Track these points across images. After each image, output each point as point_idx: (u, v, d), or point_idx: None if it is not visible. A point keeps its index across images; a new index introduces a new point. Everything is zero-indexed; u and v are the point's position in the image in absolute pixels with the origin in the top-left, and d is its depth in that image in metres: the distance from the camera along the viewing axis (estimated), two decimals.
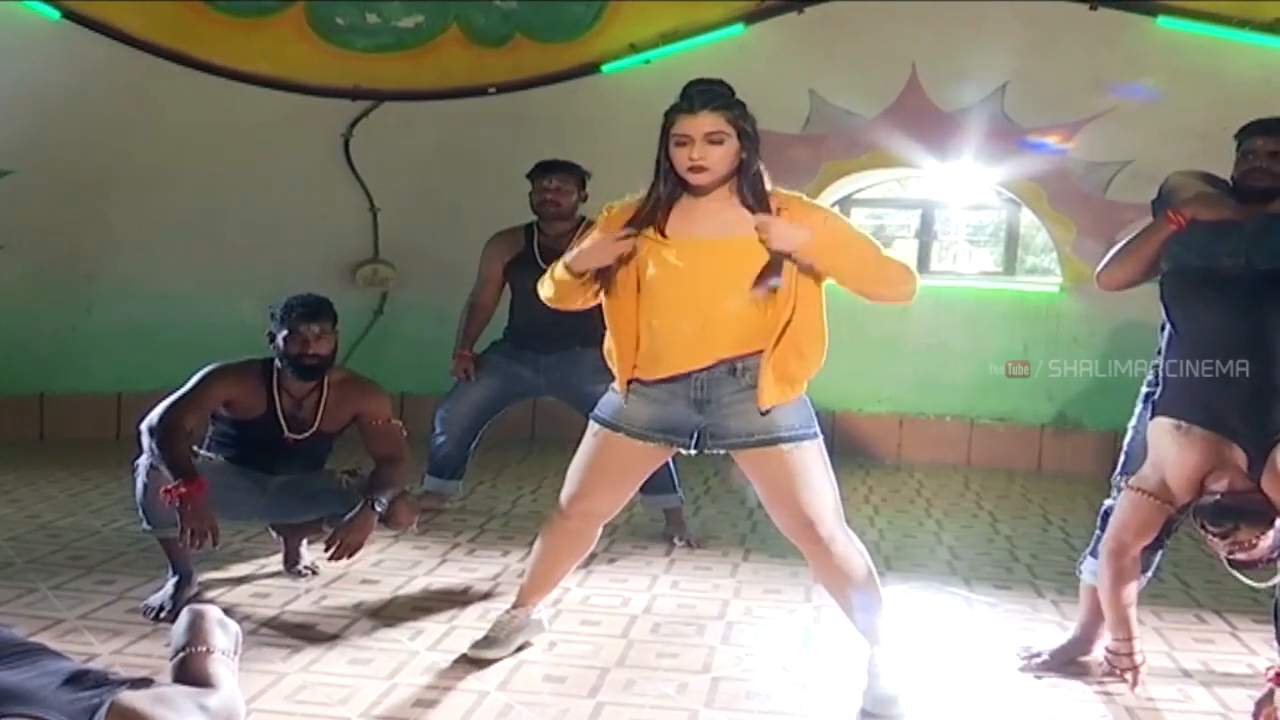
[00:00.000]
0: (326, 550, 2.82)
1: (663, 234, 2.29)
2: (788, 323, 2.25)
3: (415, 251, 5.53)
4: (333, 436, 3.13)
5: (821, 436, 2.38)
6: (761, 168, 2.31)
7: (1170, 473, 2.41)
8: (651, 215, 2.31)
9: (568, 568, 2.68)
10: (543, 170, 3.79)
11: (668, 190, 2.30)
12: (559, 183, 3.75)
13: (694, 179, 2.26)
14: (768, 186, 2.32)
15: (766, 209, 2.28)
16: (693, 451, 2.38)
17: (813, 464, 2.33)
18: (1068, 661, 2.67)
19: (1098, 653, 2.65)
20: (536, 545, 2.63)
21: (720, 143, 2.24)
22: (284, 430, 3.01)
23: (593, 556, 3.30)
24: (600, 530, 2.61)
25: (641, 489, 3.52)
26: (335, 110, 5.45)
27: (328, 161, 5.50)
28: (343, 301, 3.35)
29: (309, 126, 5.41)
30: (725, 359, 2.29)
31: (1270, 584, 2.38)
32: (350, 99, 5.44)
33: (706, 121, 2.24)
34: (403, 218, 5.58)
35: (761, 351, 2.27)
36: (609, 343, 2.40)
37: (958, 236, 6.32)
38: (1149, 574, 2.61)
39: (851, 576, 2.40)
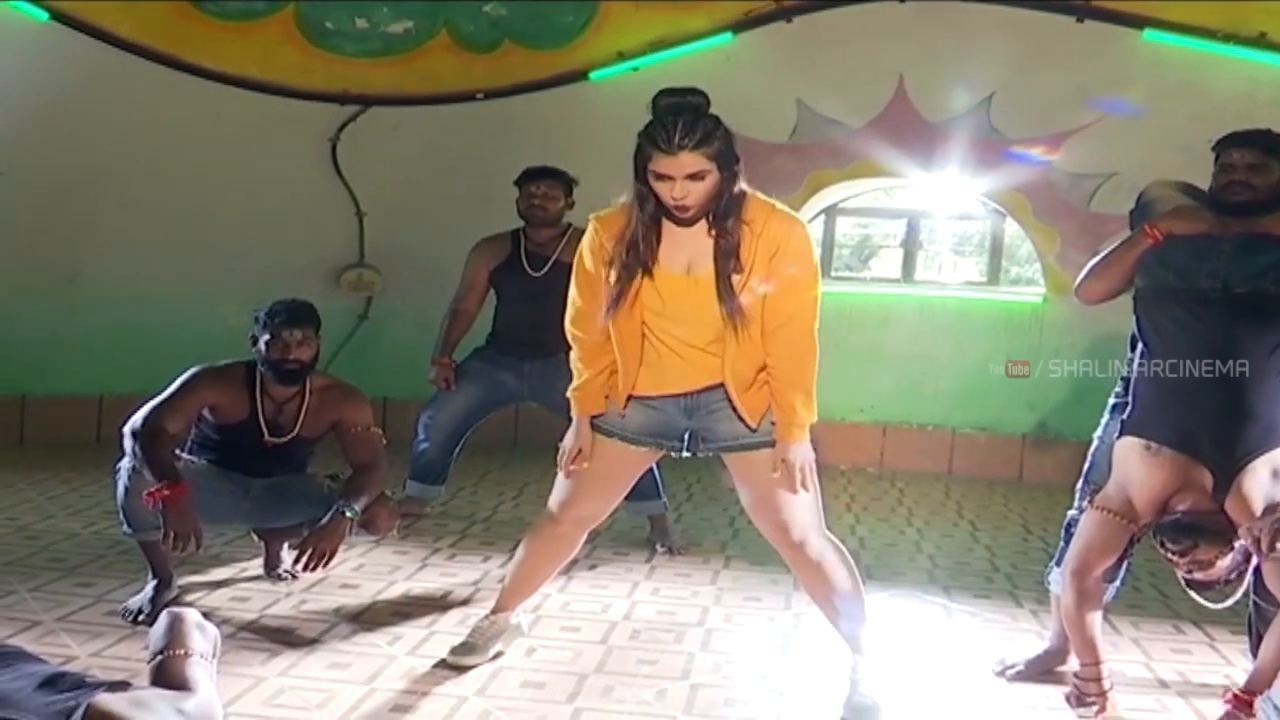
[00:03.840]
0: (296, 560, 2.82)
1: (651, 267, 2.28)
2: (739, 343, 2.28)
3: (401, 256, 5.54)
4: (313, 441, 3.12)
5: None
6: (741, 187, 2.27)
7: (1136, 492, 2.39)
8: (638, 249, 2.28)
9: (550, 573, 2.70)
10: (530, 176, 3.81)
11: (650, 216, 2.27)
12: (546, 189, 3.76)
13: (680, 216, 2.25)
14: (744, 190, 2.28)
15: (736, 233, 2.25)
16: (685, 454, 2.43)
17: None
18: (1044, 671, 2.69)
19: (1074, 663, 2.66)
20: (520, 549, 2.65)
21: (702, 179, 2.20)
22: (264, 434, 3.01)
23: (573, 563, 3.30)
24: (585, 536, 2.62)
25: (626, 495, 3.57)
26: (323, 114, 5.47)
27: (314, 166, 5.51)
28: (328, 306, 3.35)
29: (296, 130, 5.42)
30: (712, 384, 2.34)
31: (1225, 605, 2.39)
32: (338, 103, 5.46)
33: (688, 162, 2.18)
34: (389, 223, 5.59)
35: (759, 373, 2.32)
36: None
37: (943, 246, 6.35)
38: (1117, 584, 2.60)
39: (833, 581, 2.42)
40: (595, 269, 2.36)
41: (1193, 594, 2.36)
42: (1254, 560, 2.29)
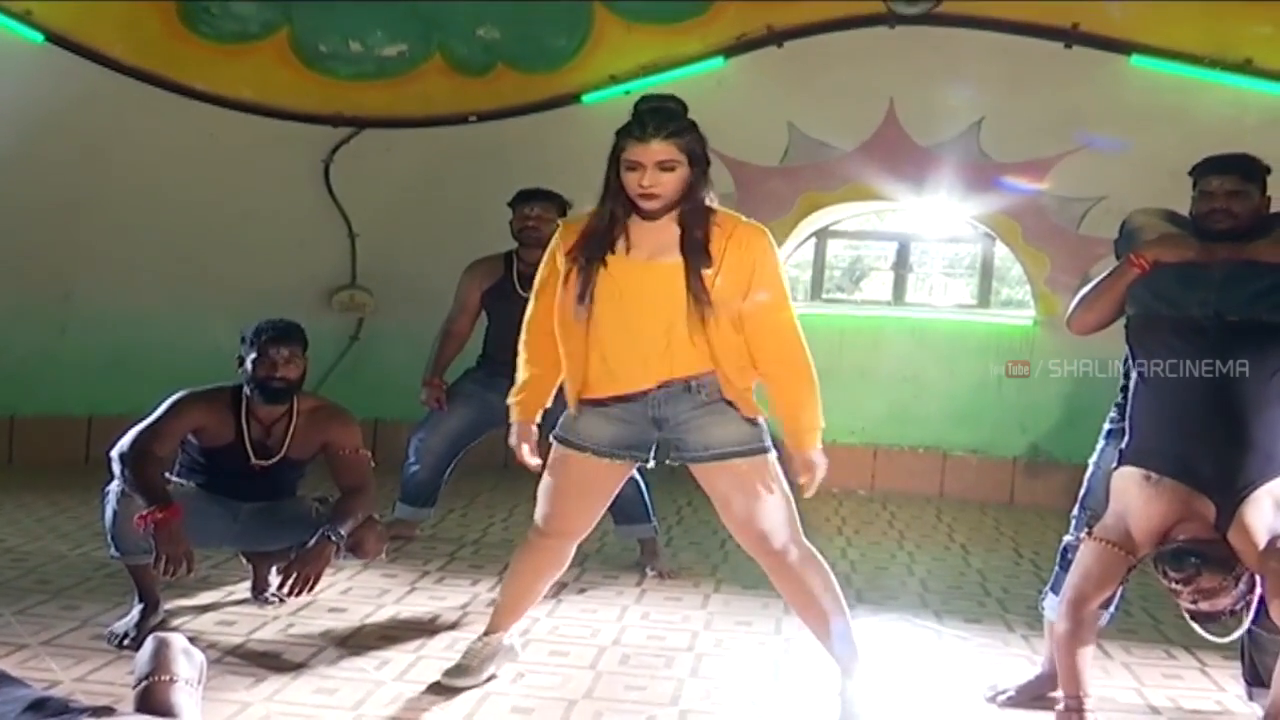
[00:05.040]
0: (281, 584, 2.80)
1: (611, 253, 2.33)
2: (718, 337, 2.31)
3: (393, 278, 5.54)
4: (302, 464, 3.11)
5: (775, 453, 2.42)
6: (709, 192, 2.33)
7: (1135, 523, 2.36)
8: (601, 236, 2.33)
9: (542, 588, 2.69)
10: (524, 198, 3.82)
11: (617, 209, 2.32)
12: (540, 211, 3.78)
13: (645, 205, 2.29)
14: (713, 205, 2.34)
15: (705, 231, 2.30)
16: (651, 463, 2.45)
17: (766, 477, 2.37)
18: (1036, 697, 2.67)
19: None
20: (511, 567, 2.65)
21: (672, 169, 2.26)
22: (251, 457, 3.00)
23: (562, 586, 3.31)
24: (574, 549, 2.62)
25: (615, 518, 3.57)
26: (316, 136, 5.48)
27: (308, 187, 5.51)
28: (319, 327, 3.36)
29: (290, 152, 5.43)
30: (675, 379, 2.34)
31: (1233, 638, 2.38)
32: (332, 125, 5.48)
33: (659, 150, 2.25)
34: (381, 244, 5.59)
35: (713, 371, 2.34)
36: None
37: (934, 269, 6.38)
38: (1111, 610, 2.59)
39: (814, 588, 2.43)
40: (553, 269, 2.40)
41: (1196, 627, 2.32)
42: (1258, 590, 2.27)
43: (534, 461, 2.48)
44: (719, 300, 2.30)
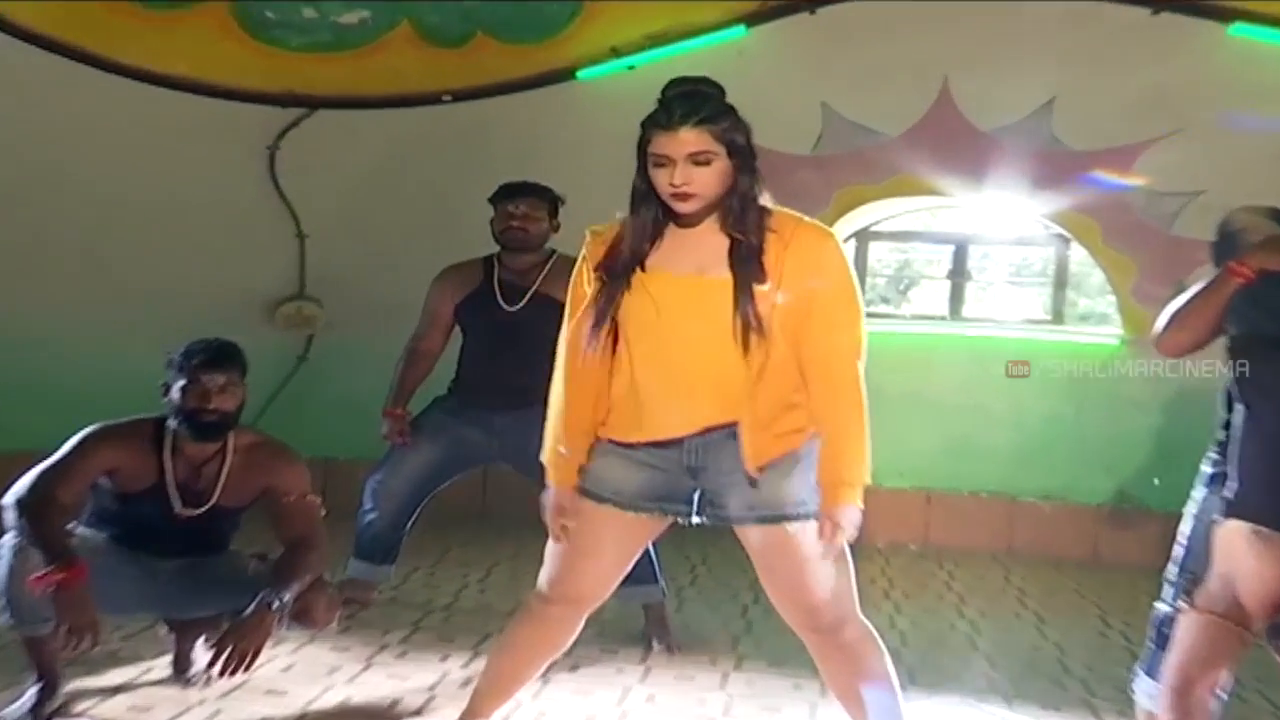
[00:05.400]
0: (212, 660, 2.75)
1: (642, 269, 2.31)
2: (762, 367, 2.27)
3: (349, 287, 5.53)
4: (237, 513, 3.08)
5: None
6: (758, 189, 2.32)
7: (1245, 588, 2.30)
8: (631, 248, 2.32)
9: (538, 669, 2.64)
10: (508, 193, 3.83)
11: (650, 217, 2.32)
12: (527, 208, 3.79)
13: (680, 207, 2.28)
14: (767, 205, 2.33)
15: (759, 238, 2.28)
16: (694, 520, 2.41)
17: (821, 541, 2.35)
18: None
19: None
20: (503, 638, 2.61)
21: (707, 163, 2.24)
22: (176, 504, 2.96)
23: (551, 662, 3.23)
24: (583, 622, 2.57)
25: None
26: (261, 118, 5.47)
27: (249, 178, 5.50)
28: (260, 346, 3.32)
29: (229, 137, 5.42)
30: (720, 424, 2.30)
31: None
32: (280, 105, 5.47)
33: (690, 139, 2.24)
34: (336, 246, 5.58)
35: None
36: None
37: (997, 277, 6.37)
38: (1222, 696, 2.53)
39: (868, 674, 2.40)
40: (583, 288, 2.39)
41: None
42: None
43: (571, 525, 2.40)
44: (779, 324, 2.27)
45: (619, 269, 2.32)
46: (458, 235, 4.18)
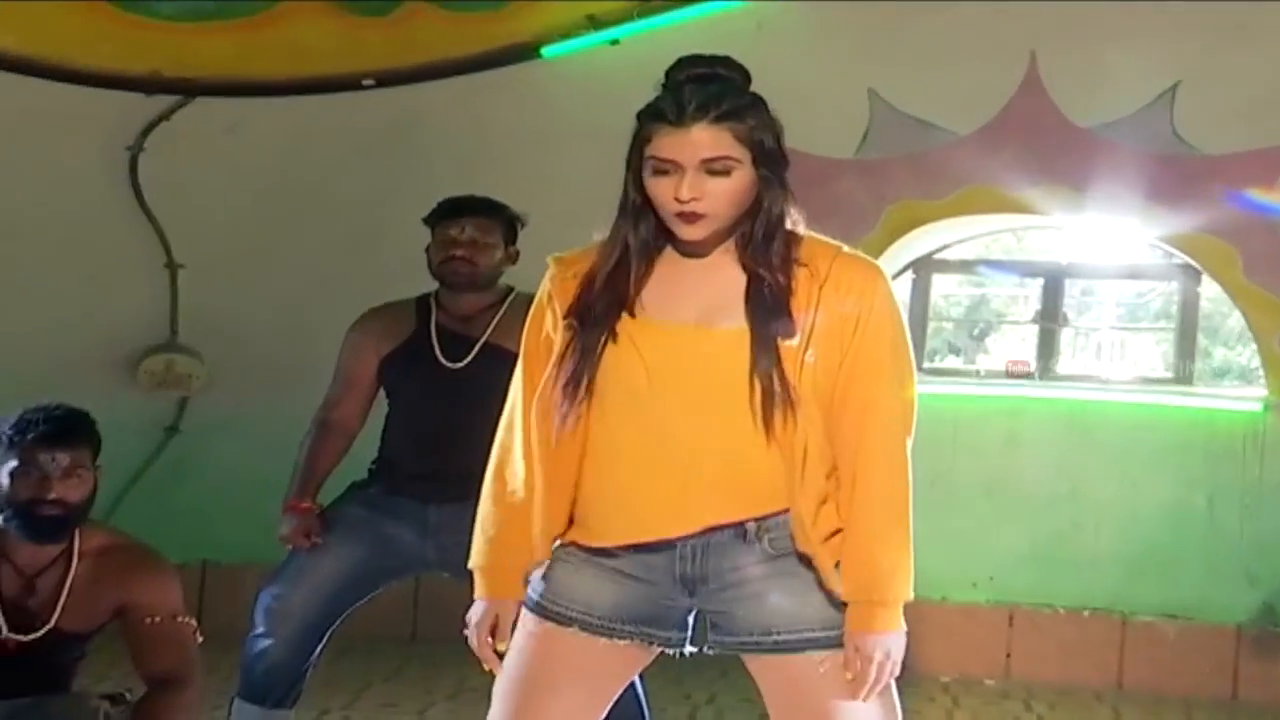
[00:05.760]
0: None
1: (629, 312, 2.31)
2: (805, 450, 2.25)
3: (236, 334, 5.55)
4: (84, 639, 3.09)
5: None
6: (788, 209, 2.31)
7: None
8: (614, 284, 2.32)
9: None
10: (449, 212, 3.81)
11: (642, 242, 2.32)
12: (475, 232, 3.77)
13: (686, 231, 2.27)
14: (798, 228, 2.32)
15: (786, 275, 2.29)
16: (687, 651, 2.39)
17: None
18: None
19: None
20: None
21: (726, 173, 2.23)
22: (2, 629, 2.96)
23: None
24: None
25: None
26: (119, 109, 5.51)
27: (103, 188, 5.54)
28: (117, 414, 3.35)
29: (74, 135, 5.45)
30: (727, 521, 2.31)
31: None
32: (144, 92, 5.51)
33: (705, 140, 2.22)
34: (218, 281, 5.60)
35: (786, 509, 2.29)
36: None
37: (1102, 321, 6.39)
38: None
39: None
40: (541, 333, 2.39)
41: None
42: None
43: (497, 660, 2.42)
44: (811, 388, 2.26)
45: (598, 313, 2.31)
46: (382, 268, 4.24)
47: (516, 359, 2.48)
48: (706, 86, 2.24)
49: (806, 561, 2.31)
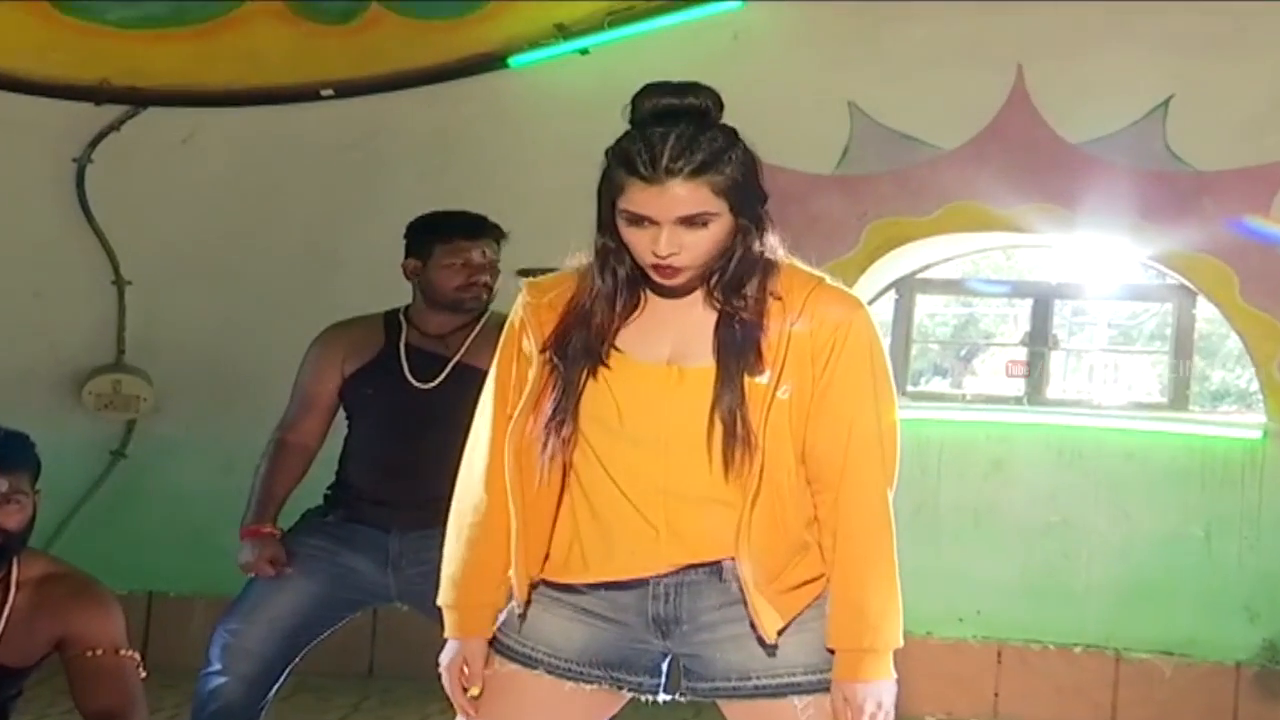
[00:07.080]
0: None
1: (606, 352, 2.31)
2: (756, 493, 2.25)
3: (185, 355, 5.54)
4: (21, 674, 3.06)
5: None
6: (766, 244, 2.31)
7: None
8: (594, 321, 2.32)
9: None
10: (469, 230, 3.78)
11: (619, 283, 2.32)
12: (494, 254, 3.76)
13: (664, 282, 2.28)
14: (773, 255, 2.32)
15: (759, 311, 2.28)
16: (661, 698, 2.40)
17: None
18: None
19: None
20: None
21: (703, 225, 2.23)
22: None
23: None
24: None
25: None
26: (65, 119, 5.51)
27: (48, 202, 5.54)
28: (59, 435, 3.35)
29: (20, 144, 5.46)
30: (701, 561, 2.31)
31: None
32: (93, 102, 5.51)
33: (682, 197, 2.20)
34: (168, 297, 5.60)
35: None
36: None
37: (1093, 344, 6.41)
38: None
39: None
40: (514, 361, 2.39)
41: None
42: None
43: (468, 704, 2.41)
44: (786, 425, 2.27)
45: (577, 349, 2.31)
46: (340, 286, 4.21)
47: None
48: (678, 130, 2.22)
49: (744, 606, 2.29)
